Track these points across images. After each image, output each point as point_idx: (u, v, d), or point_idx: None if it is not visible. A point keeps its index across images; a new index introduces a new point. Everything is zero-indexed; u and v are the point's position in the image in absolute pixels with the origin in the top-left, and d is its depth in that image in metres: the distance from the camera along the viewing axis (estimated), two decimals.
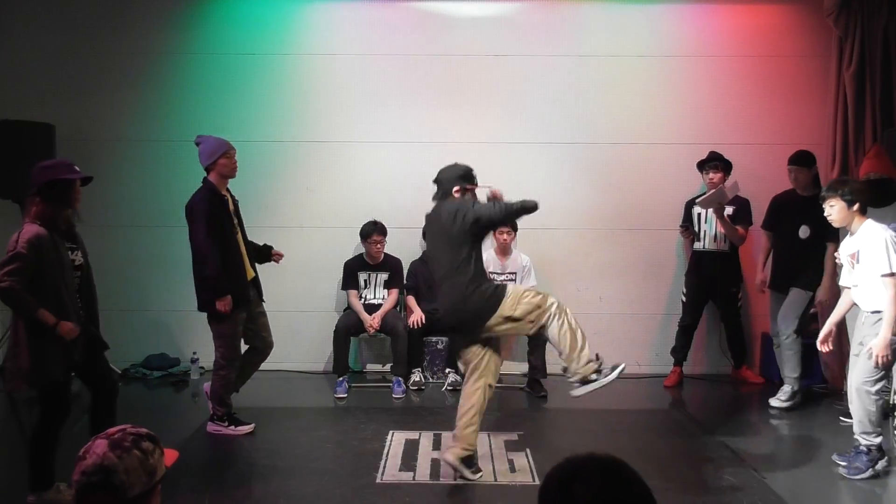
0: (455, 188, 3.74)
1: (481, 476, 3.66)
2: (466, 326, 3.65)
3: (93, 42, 5.77)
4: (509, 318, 3.54)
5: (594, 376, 3.55)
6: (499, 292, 3.58)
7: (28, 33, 5.77)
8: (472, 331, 3.65)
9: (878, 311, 3.66)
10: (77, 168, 3.36)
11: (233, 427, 4.37)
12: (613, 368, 3.56)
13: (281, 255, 4.67)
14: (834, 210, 3.79)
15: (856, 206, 3.73)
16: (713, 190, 5.17)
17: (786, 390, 4.92)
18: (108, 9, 5.77)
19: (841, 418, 4.52)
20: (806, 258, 4.83)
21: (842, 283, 3.96)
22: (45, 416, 3.34)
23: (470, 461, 3.65)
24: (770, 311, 5.20)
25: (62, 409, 3.37)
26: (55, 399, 3.34)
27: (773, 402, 4.93)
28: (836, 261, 4.10)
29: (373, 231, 5.42)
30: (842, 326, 4.30)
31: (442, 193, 3.78)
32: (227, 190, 4.40)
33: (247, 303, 4.36)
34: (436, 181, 3.82)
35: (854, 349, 3.86)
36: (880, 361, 3.59)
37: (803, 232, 4.90)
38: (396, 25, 5.82)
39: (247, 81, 5.81)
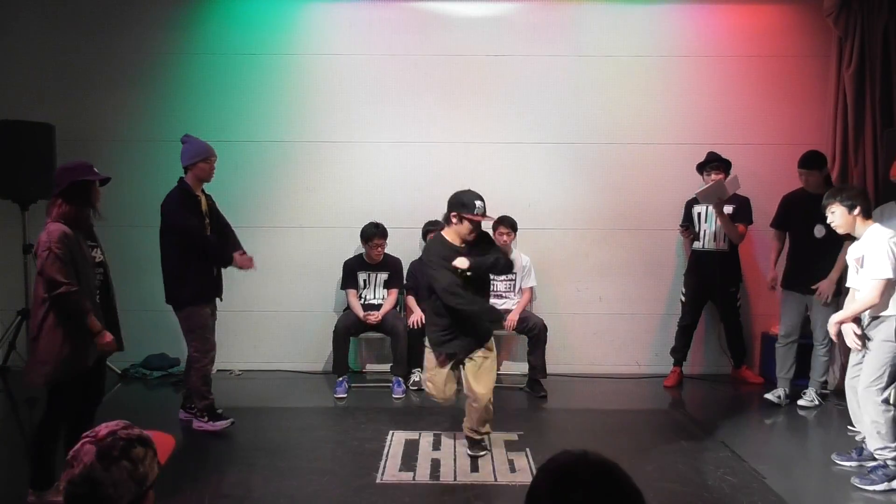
0: (452, 214, 3.77)
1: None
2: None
3: (93, 42, 5.77)
4: None
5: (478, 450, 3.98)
6: None
7: (28, 33, 5.76)
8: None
9: (880, 317, 3.65)
10: (96, 170, 3.45)
11: (211, 422, 4.39)
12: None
13: (245, 264, 4.53)
14: (835, 216, 3.80)
15: (856, 211, 3.72)
16: (713, 182, 5.17)
17: (811, 393, 4.99)
18: (107, 9, 5.77)
19: (849, 427, 4.33)
20: (825, 259, 4.78)
21: (848, 283, 3.96)
22: (50, 413, 3.36)
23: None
24: (782, 311, 5.12)
25: (68, 408, 3.38)
26: (63, 397, 3.35)
27: (801, 402, 4.99)
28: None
29: (374, 234, 5.40)
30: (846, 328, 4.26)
31: (443, 218, 3.82)
32: (202, 190, 4.51)
33: (212, 298, 4.48)
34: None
35: (853, 354, 3.86)
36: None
37: (818, 231, 4.82)
38: (396, 25, 5.82)
39: (247, 81, 5.80)
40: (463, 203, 3.77)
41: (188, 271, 4.32)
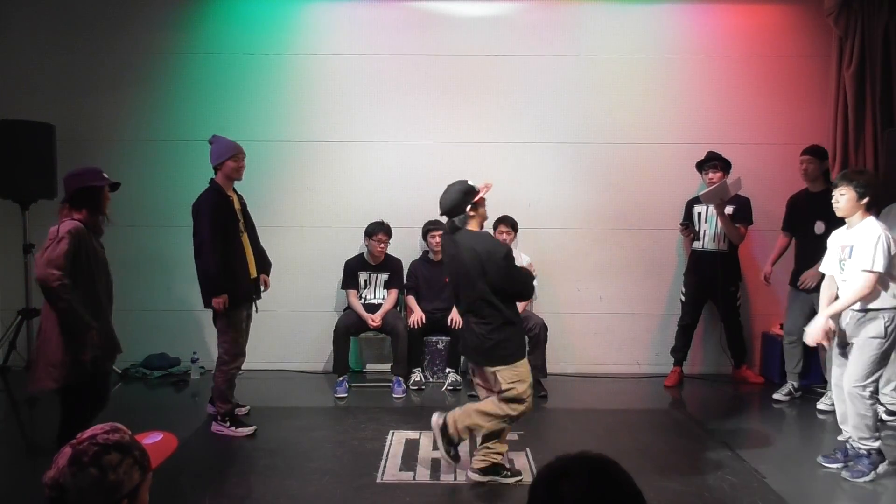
0: (468, 209, 3.65)
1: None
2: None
3: (93, 41, 5.77)
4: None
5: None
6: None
7: (28, 33, 5.77)
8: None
9: (866, 311, 3.66)
10: (105, 175, 3.41)
11: (233, 428, 4.38)
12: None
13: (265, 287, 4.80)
14: (843, 199, 3.73)
15: (865, 200, 3.69)
16: (717, 184, 5.18)
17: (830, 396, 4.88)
18: (107, 8, 5.77)
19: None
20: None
21: (822, 268, 3.95)
22: (70, 418, 3.23)
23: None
24: (787, 308, 5.15)
25: (85, 411, 3.25)
26: (80, 398, 3.27)
27: (820, 405, 4.91)
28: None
29: (379, 230, 5.42)
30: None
31: (461, 219, 3.67)
32: (234, 191, 4.48)
33: (248, 300, 4.45)
34: (446, 212, 3.69)
35: (836, 349, 3.86)
36: (810, 341, 3.81)
37: (818, 228, 4.84)
38: (396, 25, 5.82)
39: (247, 81, 5.81)
40: (466, 192, 3.67)
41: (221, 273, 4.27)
